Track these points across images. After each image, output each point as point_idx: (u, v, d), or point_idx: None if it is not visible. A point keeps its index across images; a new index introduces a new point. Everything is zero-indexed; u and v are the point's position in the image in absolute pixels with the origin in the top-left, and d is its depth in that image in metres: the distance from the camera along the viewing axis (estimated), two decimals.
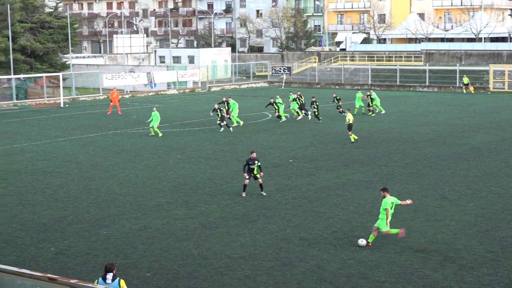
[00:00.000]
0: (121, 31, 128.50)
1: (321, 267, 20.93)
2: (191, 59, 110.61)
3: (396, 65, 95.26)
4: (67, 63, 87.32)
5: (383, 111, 60.42)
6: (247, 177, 30.03)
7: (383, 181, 32.83)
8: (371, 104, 60.02)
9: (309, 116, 56.65)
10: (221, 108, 50.92)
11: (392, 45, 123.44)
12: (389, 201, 23.03)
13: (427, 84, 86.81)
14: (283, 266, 21.06)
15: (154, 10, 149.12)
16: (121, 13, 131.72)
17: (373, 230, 23.14)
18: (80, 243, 23.61)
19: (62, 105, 70.79)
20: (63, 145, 44.99)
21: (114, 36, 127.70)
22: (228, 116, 52.26)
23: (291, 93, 59.45)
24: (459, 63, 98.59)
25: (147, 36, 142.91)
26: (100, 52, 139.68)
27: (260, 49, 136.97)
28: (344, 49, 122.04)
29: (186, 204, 28.94)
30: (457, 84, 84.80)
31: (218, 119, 49.89)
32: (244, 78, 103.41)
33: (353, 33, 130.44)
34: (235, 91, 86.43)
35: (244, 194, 30.22)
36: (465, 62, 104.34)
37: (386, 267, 20.85)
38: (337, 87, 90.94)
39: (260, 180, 30.26)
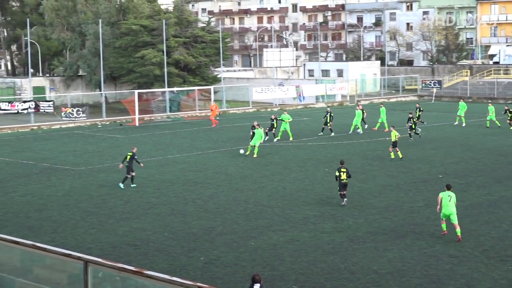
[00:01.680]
0: (271, 45, 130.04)
1: (472, 286, 20.34)
2: (340, 73, 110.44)
3: None
4: (218, 76, 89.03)
5: (462, 123, 60.37)
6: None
7: None
8: (510, 118, 58.09)
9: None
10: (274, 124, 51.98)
11: None
12: (446, 194, 25.80)
13: None
14: (432, 283, 20.61)
15: (304, 24, 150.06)
16: (271, 27, 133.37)
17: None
18: (228, 253, 23.98)
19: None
20: (213, 156, 45.90)
21: (264, 49, 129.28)
22: (271, 131, 52.94)
23: (381, 105, 59.61)
24: None
25: (297, 49, 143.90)
26: (250, 66, 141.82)
27: (410, 63, 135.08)
28: (497, 62, 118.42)
29: (333, 217, 28.86)
30: None
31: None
32: (393, 91, 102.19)
33: (507, 45, 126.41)
34: (384, 104, 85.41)
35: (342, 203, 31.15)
36: None
37: None
38: (489, 101, 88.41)
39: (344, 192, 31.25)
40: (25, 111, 66.80)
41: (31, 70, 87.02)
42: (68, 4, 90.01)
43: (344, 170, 31.19)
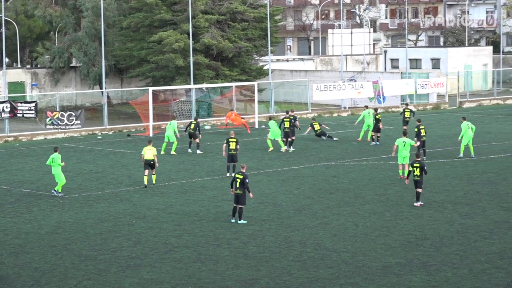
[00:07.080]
0: (339, 24, 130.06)
1: None
2: (436, 63, 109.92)
3: None
4: (264, 68, 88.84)
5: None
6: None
7: None
8: None
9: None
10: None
11: None
12: (401, 140, 44.00)
13: None
14: None
15: None
16: (339, 0, 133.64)
17: None
18: None
19: (256, 126, 72.16)
20: (257, 180, 45.84)
21: (329, 31, 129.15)
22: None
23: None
24: None
25: (375, 31, 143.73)
26: (309, 54, 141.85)
27: None
28: None
29: (425, 267, 28.71)
30: None
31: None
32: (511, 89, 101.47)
33: None
34: (497, 108, 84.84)
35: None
36: None
37: None
38: None
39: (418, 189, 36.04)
40: None
41: (5, 60, 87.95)
42: None
43: (418, 165, 37.34)
